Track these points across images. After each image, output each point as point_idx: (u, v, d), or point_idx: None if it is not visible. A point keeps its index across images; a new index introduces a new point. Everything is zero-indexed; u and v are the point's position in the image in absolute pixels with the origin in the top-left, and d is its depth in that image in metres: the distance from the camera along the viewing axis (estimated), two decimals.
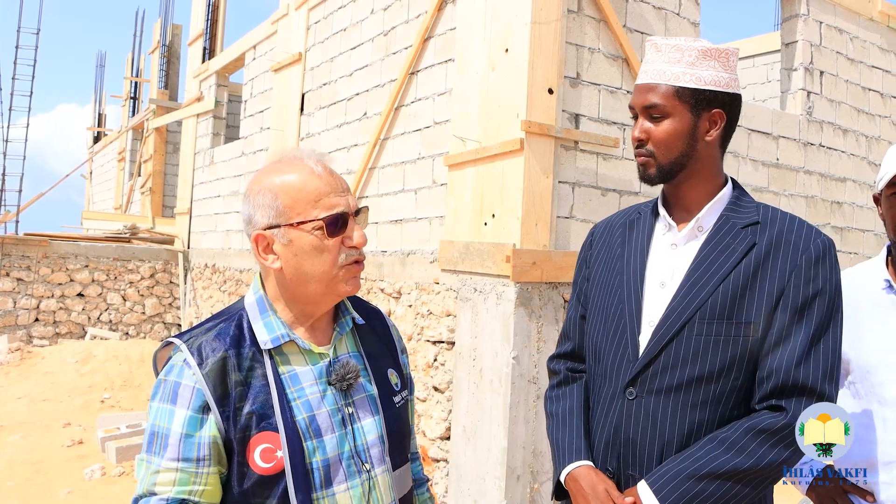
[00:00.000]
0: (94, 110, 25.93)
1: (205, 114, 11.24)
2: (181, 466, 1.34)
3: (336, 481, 1.42)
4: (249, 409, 1.38)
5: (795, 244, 1.58)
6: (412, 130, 5.56)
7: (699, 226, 1.67)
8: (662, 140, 1.65)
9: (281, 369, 1.44)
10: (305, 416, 1.42)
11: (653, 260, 1.72)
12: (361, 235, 1.48)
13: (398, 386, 1.62)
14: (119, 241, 11.71)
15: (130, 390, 8.49)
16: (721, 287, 1.57)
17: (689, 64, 1.63)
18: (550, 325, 4.32)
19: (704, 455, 1.51)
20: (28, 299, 10.37)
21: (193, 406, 1.36)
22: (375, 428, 1.51)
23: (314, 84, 7.32)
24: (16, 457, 6.15)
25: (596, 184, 4.64)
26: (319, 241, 1.43)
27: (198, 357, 1.39)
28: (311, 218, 1.43)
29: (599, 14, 4.67)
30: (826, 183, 6.37)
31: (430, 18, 5.34)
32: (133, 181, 18.22)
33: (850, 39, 6.63)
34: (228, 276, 9.63)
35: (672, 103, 1.63)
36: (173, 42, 17.68)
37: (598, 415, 1.75)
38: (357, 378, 1.51)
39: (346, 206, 1.45)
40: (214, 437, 1.36)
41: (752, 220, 1.63)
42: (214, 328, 1.46)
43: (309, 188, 1.44)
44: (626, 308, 1.70)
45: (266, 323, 1.47)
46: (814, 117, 6.26)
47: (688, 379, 1.58)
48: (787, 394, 1.51)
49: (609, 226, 1.91)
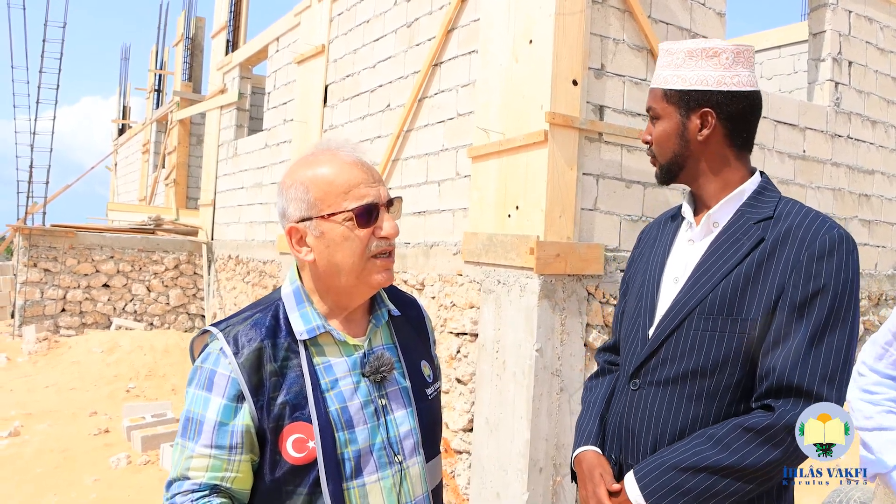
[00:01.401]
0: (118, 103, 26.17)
1: (228, 106, 11.30)
2: (214, 453, 1.37)
3: (367, 472, 1.43)
4: (283, 400, 1.39)
5: (802, 238, 1.52)
6: (435, 122, 5.56)
7: (713, 221, 1.68)
8: (657, 141, 1.72)
9: (315, 360, 1.45)
10: (338, 407, 1.43)
11: (673, 256, 1.75)
12: (392, 226, 1.47)
13: (430, 378, 1.63)
14: (144, 232, 11.82)
15: (155, 380, 8.59)
16: (723, 283, 1.57)
17: (676, 66, 1.67)
18: (574, 318, 4.31)
19: (690, 449, 1.52)
20: (55, 290, 10.51)
21: (228, 395, 1.39)
22: (408, 420, 1.52)
23: (337, 76, 7.33)
24: (44, 444, 6.25)
25: (620, 176, 4.61)
26: (350, 231, 1.44)
27: (234, 346, 1.41)
28: (341, 209, 1.44)
29: (624, 4, 4.63)
30: (854, 175, 6.28)
31: (453, 10, 5.32)
32: (157, 173, 18.37)
33: (881, 29, 6.52)
34: (252, 267, 9.69)
35: (661, 105, 1.69)
36: (197, 34, 17.77)
37: (612, 404, 1.81)
38: (391, 370, 1.51)
39: (376, 196, 1.46)
40: (248, 425, 1.38)
41: (766, 215, 1.60)
42: (251, 318, 1.47)
43: (339, 180, 1.45)
44: (643, 303, 1.74)
45: (302, 314, 1.48)
46: (841, 108, 6.17)
47: (684, 372, 1.59)
48: (782, 394, 1.47)
49: (652, 225, 1.96)
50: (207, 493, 1.36)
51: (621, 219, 4.61)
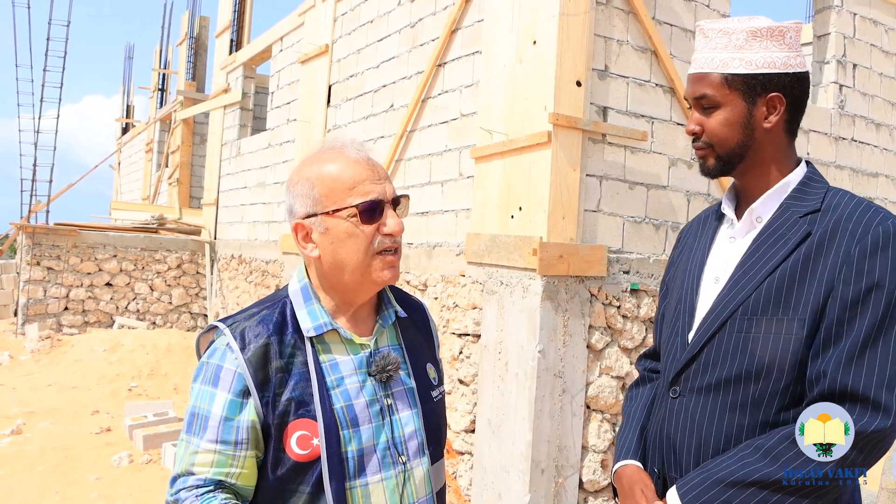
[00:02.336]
0: (122, 102, 26.19)
1: (232, 105, 11.31)
2: (219, 448, 1.37)
3: (370, 471, 1.43)
4: (289, 396, 1.39)
5: (852, 232, 1.41)
6: (439, 122, 5.55)
7: (756, 216, 1.58)
8: (716, 132, 1.56)
9: (322, 357, 1.46)
10: (343, 405, 1.43)
11: (713, 255, 1.66)
12: (397, 223, 1.47)
13: (436, 381, 1.63)
14: (147, 231, 11.84)
15: (157, 379, 8.59)
16: (767, 281, 1.47)
17: (737, 48, 1.52)
18: (577, 319, 4.30)
19: (737, 461, 1.41)
20: (58, 288, 10.52)
21: (234, 390, 1.39)
22: (413, 421, 1.52)
23: (341, 76, 7.33)
24: (46, 442, 6.26)
25: (624, 177, 4.60)
26: (355, 227, 1.44)
27: (240, 342, 1.41)
28: (345, 205, 1.44)
29: (628, 6, 4.62)
30: (858, 178, 6.27)
31: (457, 10, 5.32)
32: (160, 172, 18.40)
33: (886, 31, 6.50)
34: (255, 266, 9.70)
35: (722, 92, 1.54)
36: (201, 34, 17.79)
37: (653, 414, 1.72)
38: (397, 370, 1.51)
39: (381, 193, 1.46)
40: (253, 421, 1.39)
41: (813, 208, 1.49)
42: (258, 314, 1.48)
43: (345, 176, 1.45)
44: (682, 305, 1.66)
45: (310, 311, 1.49)
46: (846, 111, 6.16)
47: (727, 377, 1.49)
48: (837, 401, 1.36)
49: (694, 222, 1.85)
50: (212, 488, 1.36)
51: (624, 220, 4.60)
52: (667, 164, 4.79)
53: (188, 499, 1.34)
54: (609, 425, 4.50)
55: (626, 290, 4.55)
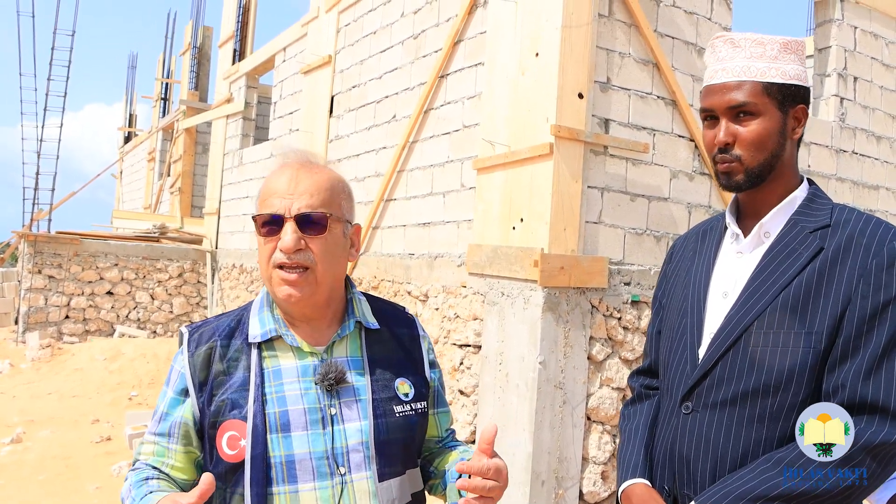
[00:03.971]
0: (125, 110, 26.26)
1: (234, 115, 11.35)
2: (157, 440, 1.49)
3: (302, 478, 1.41)
4: (224, 397, 1.44)
5: (867, 246, 1.43)
6: (441, 134, 5.57)
7: (765, 231, 1.57)
8: (753, 142, 1.51)
9: (266, 363, 1.49)
10: (277, 411, 1.43)
11: (718, 270, 1.64)
12: (290, 239, 1.42)
13: (408, 396, 1.56)
14: (148, 240, 11.85)
15: (157, 388, 8.58)
16: (782, 295, 1.47)
17: (772, 58, 1.51)
18: (578, 331, 4.30)
19: (757, 476, 1.40)
20: (59, 296, 10.53)
21: (176, 389, 1.49)
22: (360, 433, 1.47)
23: (343, 86, 7.36)
24: (46, 451, 6.25)
25: (625, 189, 4.62)
26: (261, 238, 1.48)
27: (194, 345, 1.50)
28: (254, 216, 1.49)
29: (630, 18, 4.64)
30: (859, 191, 6.28)
31: (460, 22, 5.34)
32: (162, 181, 18.43)
33: (886, 45, 6.53)
34: (255, 276, 9.70)
35: (762, 101, 1.50)
36: (204, 44, 17.85)
37: (659, 431, 1.69)
38: (340, 380, 1.47)
39: (283, 208, 1.44)
40: (186, 419, 1.47)
41: (823, 223, 1.50)
42: (219, 320, 1.56)
43: (266, 187, 1.50)
44: (688, 320, 1.64)
45: (261, 318, 1.52)
46: (847, 124, 6.18)
47: (743, 391, 1.48)
48: (856, 412, 1.37)
49: (686, 239, 1.84)
50: (149, 468, 1.48)
51: (626, 232, 4.61)
52: (668, 176, 4.80)
53: (129, 476, 1.47)
54: (609, 437, 4.49)
55: (627, 301, 4.56)
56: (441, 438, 1.72)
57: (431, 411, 1.67)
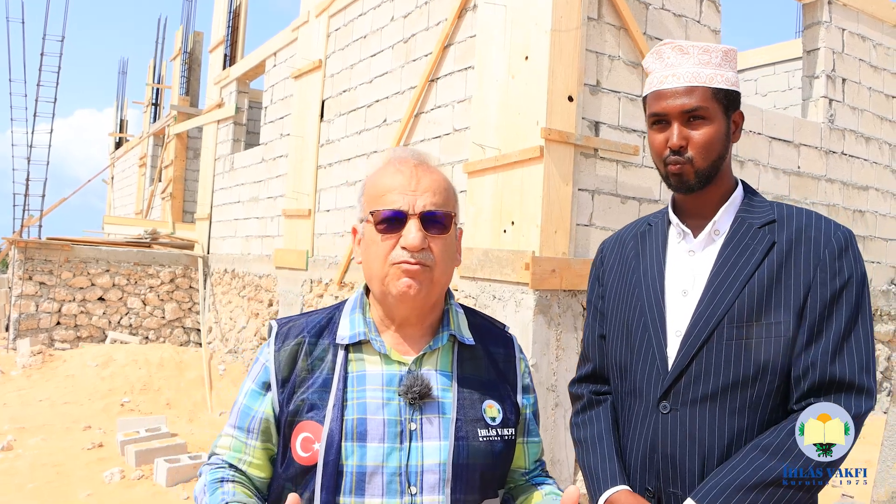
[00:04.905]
0: (115, 116, 26.19)
1: (225, 120, 11.33)
2: (235, 434, 1.46)
3: (370, 492, 1.35)
4: (304, 397, 1.40)
5: (816, 239, 1.55)
6: (432, 137, 5.58)
7: (715, 229, 1.64)
8: (705, 144, 1.59)
9: (352, 367, 1.43)
10: (356, 418, 1.37)
11: (671, 269, 1.68)
12: (414, 237, 1.37)
13: (494, 420, 1.46)
14: (140, 245, 11.81)
15: (150, 394, 8.55)
16: (746, 289, 1.54)
17: (717, 65, 1.59)
18: (569, 333, 4.31)
19: (750, 464, 1.46)
20: (50, 303, 10.48)
21: (258, 382, 1.46)
22: (438, 453, 1.38)
23: (334, 91, 7.36)
24: (37, 459, 6.21)
25: (616, 191, 4.63)
26: (376, 235, 1.42)
27: (281, 340, 1.47)
28: (372, 212, 1.43)
29: (619, 22, 4.66)
30: (848, 191, 6.31)
31: (450, 26, 5.35)
32: (154, 186, 18.37)
33: (874, 46, 6.57)
34: (248, 281, 9.68)
35: (712, 106, 1.58)
36: (195, 49, 17.83)
37: (631, 433, 1.68)
38: (425, 394, 1.40)
39: (406, 204, 1.40)
40: (267, 414, 1.43)
41: (769, 219, 1.60)
42: (310, 315, 1.52)
43: (380, 184, 1.44)
44: (648, 320, 1.65)
45: (351, 319, 1.48)
46: (836, 125, 6.21)
47: (723, 386, 1.54)
48: (826, 391, 1.47)
49: (619, 240, 1.85)
50: (226, 466, 1.45)
51: None
52: (658, 178, 4.81)
53: (204, 471, 1.45)
54: None
55: None
56: (528, 470, 1.58)
57: (520, 440, 1.55)
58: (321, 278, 7.26)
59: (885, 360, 6.58)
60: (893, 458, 3.32)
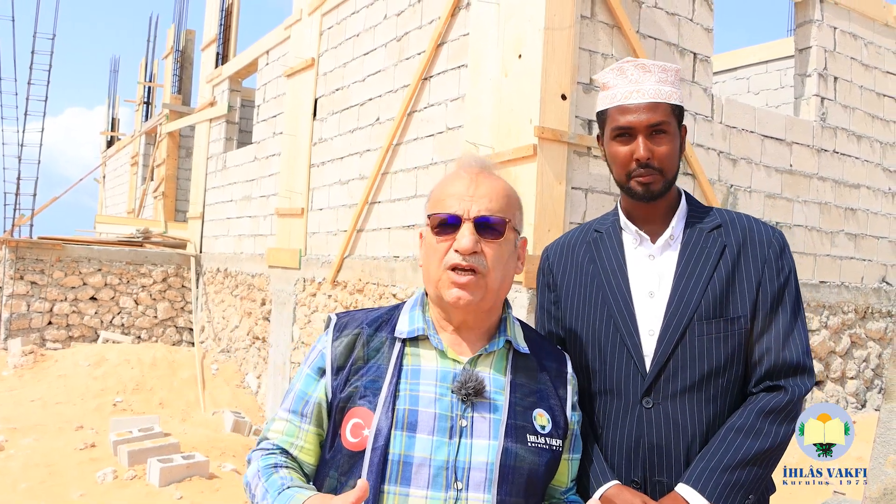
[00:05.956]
0: (107, 114, 26.09)
1: (217, 118, 11.30)
2: (290, 418, 1.50)
3: (415, 483, 1.37)
4: (358, 384, 1.44)
5: (760, 241, 1.73)
6: (425, 136, 5.57)
7: (671, 235, 1.76)
8: (668, 156, 1.71)
9: (406, 360, 1.47)
10: (407, 408, 1.40)
11: (633, 272, 1.77)
12: (467, 240, 1.41)
13: (544, 429, 1.48)
14: (132, 245, 11.76)
15: (143, 394, 8.53)
16: (709, 289, 1.69)
17: (672, 83, 1.73)
18: None
19: (730, 446, 1.60)
20: (41, 302, 10.43)
21: (313, 367, 1.51)
22: (487, 452, 1.40)
23: (327, 89, 7.35)
24: (30, 459, 6.19)
25: (609, 190, 4.64)
26: (434, 237, 1.46)
27: (339, 329, 1.52)
28: (430, 214, 1.48)
29: (613, 20, 4.67)
30: (840, 189, 6.34)
31: (443, 24, 5.35)
32: (146, 185, 18.32)
33: (865, 45, 6.59)
34: (240, 280, 9.66)
35: (671, 120, 1.71)
36: (187, 47, 17.77)
37: (612, 430, 1.73)
38: (479, 392, 1.43)
39: (462, 209, 1.44)
40: (321, 399, 1.48)
41: (716, 224, 1.76)
42: (369, 311, 1.57)
43: (443, 189, 1.50)
44: (619, 321, 1.73)
45: (411, 316, 1.52)
46: (827, 123, 6.23)
47: (699, 378, 1.67)
48: (780, 374, 1.66)
49: (566, 246, 1.92)
50: (277, 452, 1.48)
51: None
52: None
53: (254, 457, 1.48)
54: None
55: None
56: (566, 489, 1.61)
57: (566, 455, 1.57)
58: (314, 277, 7.25)
59: (875, 358, 6.61)
60: (885, 454, 3.33)
